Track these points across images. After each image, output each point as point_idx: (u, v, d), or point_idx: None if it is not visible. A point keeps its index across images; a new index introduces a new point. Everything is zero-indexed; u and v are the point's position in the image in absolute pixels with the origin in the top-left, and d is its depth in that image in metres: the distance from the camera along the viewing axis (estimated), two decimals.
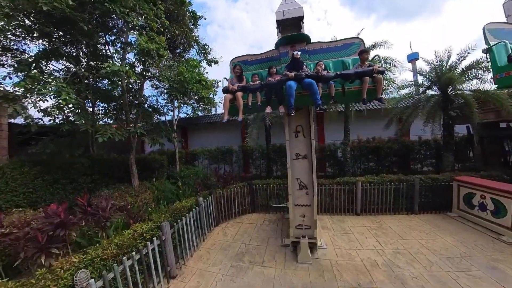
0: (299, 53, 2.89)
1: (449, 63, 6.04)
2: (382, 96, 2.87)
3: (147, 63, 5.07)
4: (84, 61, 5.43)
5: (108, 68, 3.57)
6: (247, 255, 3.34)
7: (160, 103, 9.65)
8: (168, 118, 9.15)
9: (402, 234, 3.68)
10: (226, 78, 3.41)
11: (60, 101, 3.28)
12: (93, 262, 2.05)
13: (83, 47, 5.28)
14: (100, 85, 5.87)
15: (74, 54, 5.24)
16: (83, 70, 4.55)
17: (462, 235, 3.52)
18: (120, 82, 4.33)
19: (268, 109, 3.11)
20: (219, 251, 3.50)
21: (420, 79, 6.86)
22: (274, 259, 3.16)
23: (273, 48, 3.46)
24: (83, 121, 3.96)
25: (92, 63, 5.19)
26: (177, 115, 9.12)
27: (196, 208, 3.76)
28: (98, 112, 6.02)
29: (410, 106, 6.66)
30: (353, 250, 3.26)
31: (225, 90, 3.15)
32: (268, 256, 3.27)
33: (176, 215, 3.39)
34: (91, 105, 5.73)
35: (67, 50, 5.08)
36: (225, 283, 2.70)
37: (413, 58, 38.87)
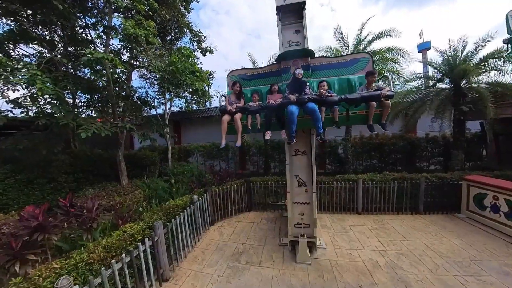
0: (302, 72, 2.82)
1: (464, 53, 5.72)
2: (385, 122, 2.82)
3: (134, 50, 4.82)
4: (60, 46, 5.05)
5: (90, 55, 3.34)
6: (244, 255, 3.34)
7: (150, 95, 9.35)
8: (160, 111, 8.92)
9: (406, 235, 3.65)
10: (224, 95, 3.32)
11: (35, 91, 3.05)
12: (77, 267, 1.97)
13: (58, 30, 4.88)
14: (81, 74, 5.54)
15: (47, 37, 4.85)
16: (59, 56, 4.23)
17: (471, 238, 3.44)
18: (104, 71, 4.09)
19: (268, 135, 3.03)
20: (214, 251, 3.49)
21: (430, 71, 6.60)
22: (272, 259, 3.18)
23: (273, 56, 3.40)
24: (63, 114, 3.73)
25: (70, 49, 4.85)
26: (169, 109, 8.88)
27: (190, 206, 3.72)
28: (80, 104, 5.70)
29: (417, 101, 6.48)
30: (353, 250, 3.27)
31: (223, 111, 3.05)
32: (265, 256, 3.28)
33: (169, 214, 3.34)
34: (71, 97, 5.43)
35: (38, 33, 4.69)
36: (221, 285, 2.70)
37: (424, 47, 36.98)
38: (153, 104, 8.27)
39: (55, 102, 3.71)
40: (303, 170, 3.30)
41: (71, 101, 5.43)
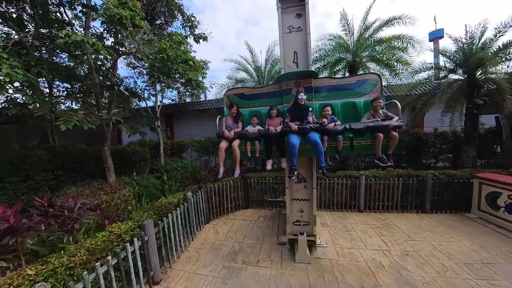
0: (304, 97, 2.73)
1: (482, 40, 5.42)
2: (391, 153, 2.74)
3: (119, 34, 4.50)
4: (31, 26, 4.63)
5: (67, 37, 3.06)
6: (241, 254, 3.30)
7: (139, 86, 9.00)
8: (150, 104, 8.61)
9: (411, 235, 3.58)
10: (221, 117, 3.23)
11: (2, 77, 2.78)
12: (55, 272, 1.86)
13: (27, 8, 4.45)
14: (59, 60, 5.15)
15: (13, 15, 4.41)
16: (30, 38, 3.88)
17: (483, 239, 3.34)
18: (86, 57, 3.80)
19: (269, 165, 3.00)
20: (209, 251, 3.43)
21: (442, 61, 6.32)
22: (270, 259, 3.14)
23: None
24: (37, 104, 3.45)
25: (43, 31, 4.45)
26: (160, 101, 8.59)
27: (184, 204, 3.62)
28: (58, 94, 5.34)
29: (426, 93, 6.30)
30: (355, 250, 3.25)
31: (220, 136, 2.97)
32: (263, 255, 3.25)
33: (161, 213, 3.24)
34: (47, 85, 5.07)
35: (2, 10, 4.28)
36: (216, 286, 2.65)
37: (436, 36, 35.46)
38: (142, 95, 7.97)
39: (27, 90, 3.43)
40: (303, 165, 3.22)
41: (47, 90, 5.06)
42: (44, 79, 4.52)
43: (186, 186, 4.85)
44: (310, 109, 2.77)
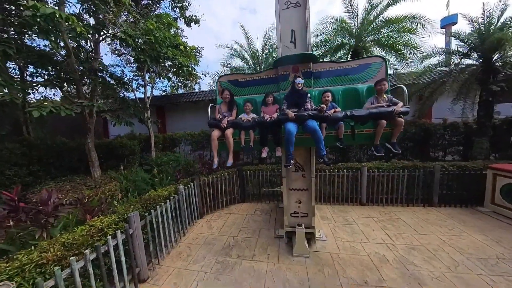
0: (302, 82, 2.57)
1: (502, 20, 5.06)
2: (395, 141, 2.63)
3: (100, 12, 4.19)
4: None
5: (34, 9, 2.78)
6: (235, 248, 3.22)
7: (126, 75, 8.68)
8: (140, 95, 8.34)
9: (418, 228, 3.50)
10: (213, 105, 3.09)
11: None
12: (23, 270, 1.71)
13: None
14: (31, 43, 4.77)
15: None
16: None
17: (497, 233, 3.23)
18: (60, 35, 3.50)
19: (265, 152, 2.92)
20: (202, 246, 3.34)
21: (455, 45, 5.90)
22: (266, 253, 3.07)
23: (271, 67, 3.11)
24: (6, 89, 3.17)
25: (6, 5, 4.08)
26: (150, 92, 8.29)
27: (174, 196, 3.49)
28: (32, 80, 4.92)
29: (435, 80, 6.04)
30: (357, 243, 3.17)
31: (212, 124, 2.84)
32: (259, 249, 3.17)
33: (150, 206, 3.10)
34: (18, 70, 4.73)
35: None
36: (208, 282, 2.55)
37: (448, 22, 33.34)
38: (130, 85, 7.67)
39: None
40: (301, 153, 3.09)
41: (20, 77, 4.71)
42: (12, 61, 4.18)
43: (178, 180, 4.70)
44: (309, 95, 2.65)
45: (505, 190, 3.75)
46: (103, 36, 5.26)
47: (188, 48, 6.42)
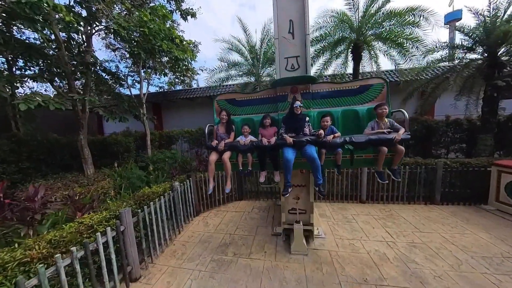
0: (301, 106, 2.51)
1: (509, 11, 4.96)
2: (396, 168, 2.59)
3: (92, 2, 4.07)
4: None
5: None
6: (232, 246, 3.16)
7: (121, 71, 8.55)
8: (136, 92, 8.21)
9: (419, 226, 3.45)
10: (211, 125, 3.06)
11: None
12: (5, 268, 1.63)
13: None
14: (22, 35, 4.64)
15: None
16: None
17: (502, 232, 3.18)
18: (49, 24, 3.38)
19: (263, 177, 2.90)
20: (197, 244, 3.27)
21: (459, 39, 5.81)
22: (263, 250, 3.01)
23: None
24: None
25: None
26: (146, 88, 8.16)
27: (169, 193, 3.41)
28: (21, 74, 4.78)
29: (438, 76, 5.92)
30: (357, 241, 3.12)
31: (210, 147, 2.80)
32: (256, 247, 3.11)
33: (143, 203, 3.03)
34: (6, 63, 4.58)
35: None
36: (203, 281, 2.49)
37: (452, 18, 32.39)
38: (125, 81, 7.54)
39: None
40: None
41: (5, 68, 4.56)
42: (1, 55, 4.04)
43: (174, 177, 4.63)
44: (307, 119, 2.58)
45: (510, 187, 3.68)
46: (96, 29, 5.13)
47: (184, 42, 6.29)
